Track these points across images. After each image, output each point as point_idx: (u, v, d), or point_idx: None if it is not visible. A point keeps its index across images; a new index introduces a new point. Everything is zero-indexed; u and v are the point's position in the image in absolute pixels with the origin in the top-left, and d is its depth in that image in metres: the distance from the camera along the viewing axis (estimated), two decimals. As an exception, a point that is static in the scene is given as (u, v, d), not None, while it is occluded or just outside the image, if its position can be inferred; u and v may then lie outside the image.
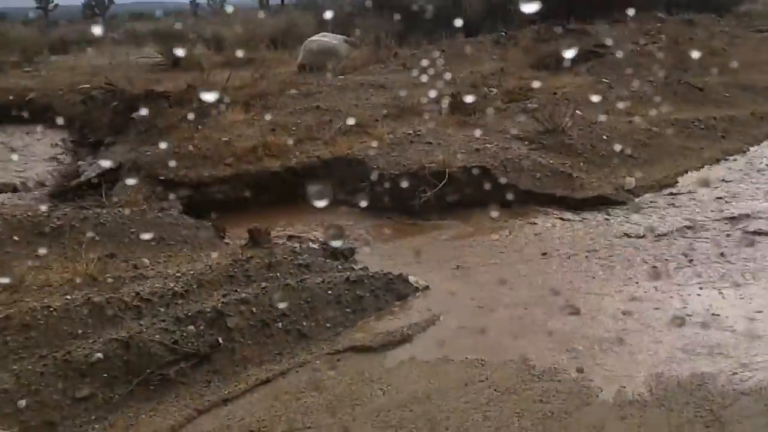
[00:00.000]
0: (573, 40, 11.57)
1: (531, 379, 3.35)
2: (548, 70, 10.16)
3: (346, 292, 4.17)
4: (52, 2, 28.90)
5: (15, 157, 8.22)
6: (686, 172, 6.45)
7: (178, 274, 4.08)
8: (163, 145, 6.58)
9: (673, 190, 6.01)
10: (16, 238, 4.47)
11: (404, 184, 5.88)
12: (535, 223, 5.52)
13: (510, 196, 5.73)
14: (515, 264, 4.79)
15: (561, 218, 5.58)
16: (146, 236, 4.71)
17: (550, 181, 5.98)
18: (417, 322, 3.98)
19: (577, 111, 7.32)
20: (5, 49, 15.55)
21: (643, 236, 5.05)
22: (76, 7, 29.37)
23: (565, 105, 7.60)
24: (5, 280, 3.78)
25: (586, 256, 4.82)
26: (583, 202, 5.77)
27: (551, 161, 6.29)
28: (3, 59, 14.96)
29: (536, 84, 8.88)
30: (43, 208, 5.32)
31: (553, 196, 5.84)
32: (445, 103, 7.95)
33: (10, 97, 10.31)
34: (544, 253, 4.92)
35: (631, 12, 12.90)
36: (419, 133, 6.89)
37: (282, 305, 3.86)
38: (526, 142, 6.76)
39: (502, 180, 5.89)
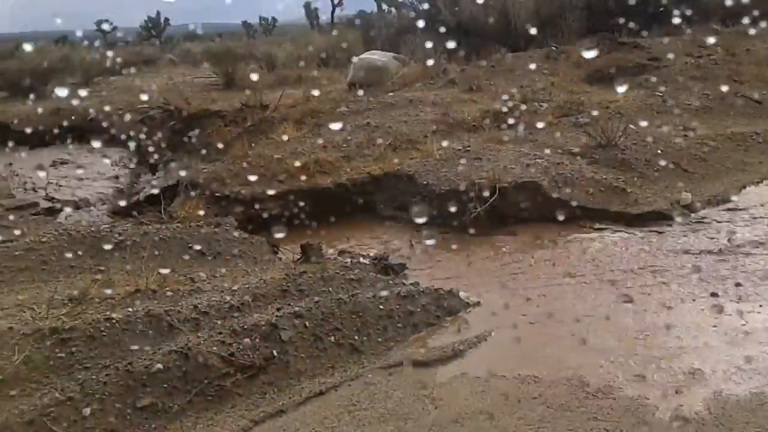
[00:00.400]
0: (626, 53, 11.44)
1: (585, 397, 3.31)
2: (600, 83, 10.05)
3: (398, 307, 4.20)
4: (111, 25, 29.98)
5: (77, 174, 8.56)
6: (744, 187, 6.28)
7: (234, 288, 4.18)
8: (218, 163, 6.76)
9: (731, 206, 5.85)
10: (80, 252, 4.66)
11: (454, 200, 5.90)
12: (588, 239, 5.46)
13: (562, 212, 5.68)
14: (568, 280, 4.74)
15: (615, 234, 5.49)
16: (203, 251, 4.86)
17: (603, 197, 5.91)
18: (468, 337, 3.98)
19: (630, 125, 7.22)
20: (67, 71, 16.21)
21: (701, 252, 4.95)
22: (133, 29, 30.41)
23: (618, 119, 7.51)
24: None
25: (642, 273, 4.73)
26: (638, 217, 5.67)
27: (604, 176, 6.21)
28: (66, 81, 15.63)
29: (588, 98, 8.82)
30: (105, 223, 5.54)
31: (607, 212, 5.76)
32: (494, 118, 7.96)
33: (73, 117, 10.76)
34: (598, 269, 4.86)
35: (685, 24, 12.72)
36: (469, 148, 6.91)
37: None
38: (579, 157, 6.70)
39: (554, 195, 5.86)
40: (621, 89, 8.98)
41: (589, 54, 10.52)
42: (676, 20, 12.85)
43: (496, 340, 3.97)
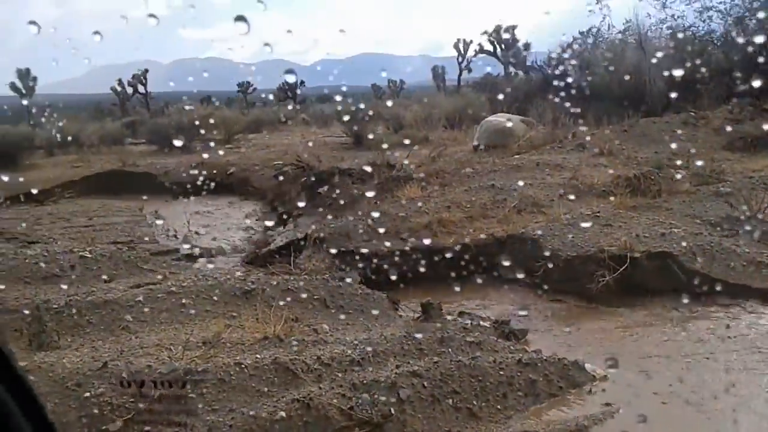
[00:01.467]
0: (771, 120, 10.78)
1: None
2: (743, 151, 9.52)
3: (519, 374, 4.07)
4: (251, 86, 32.15)
5: (215, 224, 9.14)
6: None
7: (355, 342, 4.24)
8: (344, 219, 6.98)
9: None
10: (215, 298, 4.93)
11: (581, 267, 5.73)
12: (728, 316, 5.07)
13: (699, 286, 5.34)
14: (704, 358, 4.41)
15: (757, 312, 5.08)
16: (327, 303, 4.99)
17: (745, 271, 5.50)
18: (594, 412, 3.77)
19: (776, 196, 6.73)
20: (212, 128, 17.53)
21: None
22: (270, 90, 32.50)
23: (763, 189, 7.03)
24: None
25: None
26: (785, 295, 5.23)
27: (747, 250, 5.80)
28: (210, 137, 16.90)
29: (729, 166, 8.37)
30: (239, 272, 5.84)
31: (749, 288, 5.35)
32: (626, 184, 7.70)
33: (214, 171, 11.57)
34: (736, 350, 4.49)
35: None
36: (598, 214, 6.71)
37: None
38: (719, 228, 6.32)
39: (691, 267, 5.53)
40: (765, 159, 8.44)
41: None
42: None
43: (624, 418, 3.73)
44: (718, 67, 14.82)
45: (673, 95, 13.33)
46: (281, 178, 9.72)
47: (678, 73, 13.76)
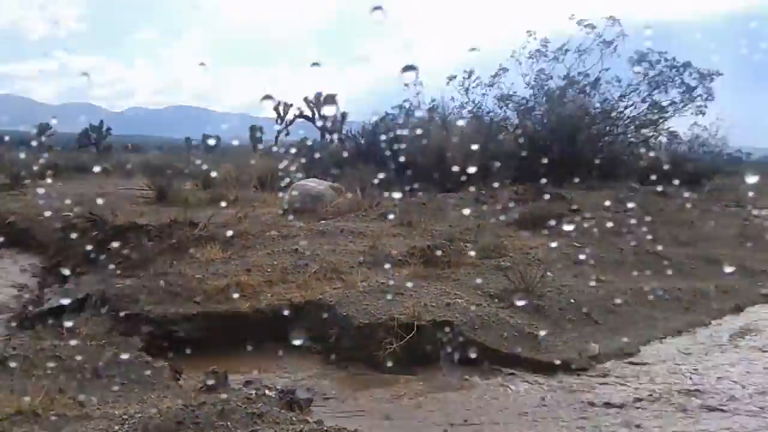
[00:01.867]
0: (549, 202, 12.09)
1: None
2: (524, 229, 10.50)
3: (298, 447, 4.01)
4: (50, 128, 29.83)
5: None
6: (649, 342, 6.44)
7: (125, 417, 3.93)
8: (134, 279, 6.57)
9: (635, 360, 5.96)
10: (-36, 365, 4.35)
11: (372, 334, 5.87)
12: (494, 385, 5.42)
13: (476, 354, 5.70)
14: (476, 425, 4.67)
15: (523, 380, 5.50)
16: (99, 373, 4.60)
17: (515, 341, 5.97)
18: (367, 484, 3.81)
19: (548, 272, 7.47)
20: (-3, 171, 15.87)
21: (601, 405, 4.97)
22: (72, 134, 30.34)
23: (537, 265, 7.78)
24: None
25: (544, 423, 4.72)
26: (545, 365, 5.72)
27: (519, 321, 6.32)
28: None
29: (511, 242, 9.17)
30: (0, 335, 5.23)
31: (518, 357, 5.80)
32: (421, 255, 8.12)
33: (-10, 220, 10.42)
34: (496, 418, 4.80)
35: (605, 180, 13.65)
36: (392, 282, 6.97)
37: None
38: (497, 300, 6.84)
39: (470, 336, 5.89)
40: (541, 237, 9.39)
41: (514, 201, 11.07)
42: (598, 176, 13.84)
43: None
44: (509, 150, 16.45)
45: (469, 173, 14.53)
46: (69, 231, 8.96)
47: (474, 152, 15.05)
